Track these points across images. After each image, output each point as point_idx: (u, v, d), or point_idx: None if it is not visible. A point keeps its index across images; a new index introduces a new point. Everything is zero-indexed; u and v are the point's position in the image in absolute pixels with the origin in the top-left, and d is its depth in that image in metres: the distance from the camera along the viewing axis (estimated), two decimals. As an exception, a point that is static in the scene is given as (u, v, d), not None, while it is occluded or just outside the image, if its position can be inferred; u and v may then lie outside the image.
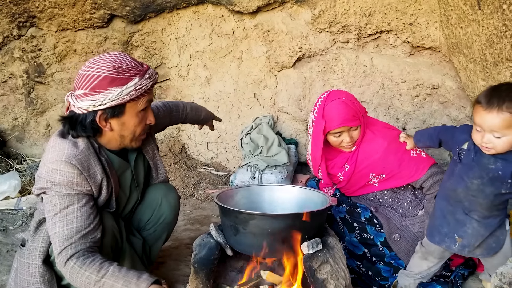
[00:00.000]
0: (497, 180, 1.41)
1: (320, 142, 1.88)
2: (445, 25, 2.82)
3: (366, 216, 1.91)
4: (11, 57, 3.73)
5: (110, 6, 3.42)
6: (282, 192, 1.75)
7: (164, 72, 3.87)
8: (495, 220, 1.48)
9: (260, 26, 3.44)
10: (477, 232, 1.49)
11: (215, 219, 2.76)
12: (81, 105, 1.37)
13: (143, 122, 1.49)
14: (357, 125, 1.85)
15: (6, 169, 3.50)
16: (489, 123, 1.34)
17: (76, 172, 1.36)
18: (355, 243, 1.90)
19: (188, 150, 3.91)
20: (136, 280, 1.33)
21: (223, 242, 1.51)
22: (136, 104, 1.41)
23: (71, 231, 1.35)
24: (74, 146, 1.39)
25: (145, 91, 1.40)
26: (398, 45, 3.20)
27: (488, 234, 1.48)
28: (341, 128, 1.83)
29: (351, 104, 1.84)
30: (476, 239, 1.50)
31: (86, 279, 1.32)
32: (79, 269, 1.33)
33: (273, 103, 3.64)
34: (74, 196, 1.37)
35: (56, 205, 1.37)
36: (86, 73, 1.36)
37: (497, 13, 2.17)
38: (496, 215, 1.49)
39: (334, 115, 1.81)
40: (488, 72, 2.43)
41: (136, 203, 1.69)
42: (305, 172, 3.65)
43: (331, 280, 1.35)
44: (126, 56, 1.41)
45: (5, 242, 2.34)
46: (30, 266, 1.44)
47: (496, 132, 1.33)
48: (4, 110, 3.90)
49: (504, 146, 1.35)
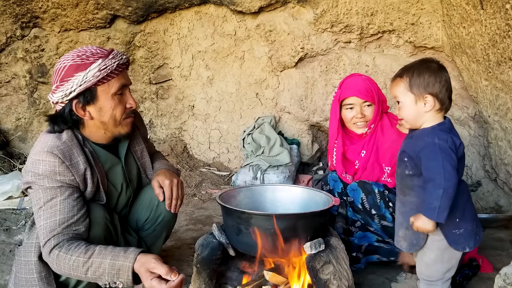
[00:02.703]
0: (400, 159, 1.44)
1: (336, 111, 1.97)
2: (447, 25, 2.81)
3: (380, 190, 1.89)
4: (14, 57, 3.75)
5: (113, 6, 3.43)
6: (284, 192, 1.75)
7: (166, 72, 3.88)
8: (412, 212, 1.39)
9: (262, 26, 3.44)
10: (397, 219, 1.49)
11: (217, 219, 2.76)
12: (56, 98, 1.42)
13: (122, 105, 1.48)
14: (370, 101, 1.90)
15: (9, 169, 3.51)
16: (392, 91, 1.46)
17: (58, 161, 1.38)
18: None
19: (190, 150, 3.92)
20: (124, 253, 1.33)
21: (225, 242, 1.51)
22: (108, 87, 1.43)
23: (54, 223, 1.36)
24: (57, 138, 1.44)
25: (111, 71, 1.41)
26: (401, 45, 3.19)
27: (405, 224, 1.43)
28: (353, 100, 1.90)
29: (368, 82, 1.93)
30: (398, 228, 1.48)
31: (74, 262, 1.32)
32: (64, 255, 1.33)
33: (275, 103, 3.64)
34: (57, 189, 1.39)
35: (40, 199, 1.39)
36: (56, 68, 1.45)
37: (500, 12, 2.17)
38: (411, 204, 1.41)
39: (349, 85, 1.93)
40: (491, 72, 2.42)
41: (129, 200, 1.69)
42: (307, 172, 3.64)
43: (333, 281, 1.35)
44: (92, 47, 1.48)
45: (8, 241, 2.35)
46: (26, 263, 1.44)
47: (395, 98, 1.44)
48: (7, 110, 3.91)
49: (406, 113, 1.40)
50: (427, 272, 1.46)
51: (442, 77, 1.38)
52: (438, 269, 1.43)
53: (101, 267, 1.31)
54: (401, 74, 1.42)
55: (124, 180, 1.63)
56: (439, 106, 1.38)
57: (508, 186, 2.63)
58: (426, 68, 1.39)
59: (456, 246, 1.39)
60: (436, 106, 1.38)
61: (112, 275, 1.31)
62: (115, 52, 1.46)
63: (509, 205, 2.67)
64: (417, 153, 1.37)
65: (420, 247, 1.43)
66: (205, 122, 3.85)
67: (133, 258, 1.31)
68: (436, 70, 1.38)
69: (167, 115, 3.98)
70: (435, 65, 1.40)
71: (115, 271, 1.31)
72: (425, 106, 1.38)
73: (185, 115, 3.92)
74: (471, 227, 1.41)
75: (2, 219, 2.66)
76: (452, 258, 1.42)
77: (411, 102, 1.39)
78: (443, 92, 1.37)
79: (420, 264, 1.48)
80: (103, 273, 1.31)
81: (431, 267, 1.44)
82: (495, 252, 2.13)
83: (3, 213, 2.76)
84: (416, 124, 1.42)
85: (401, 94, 1.41)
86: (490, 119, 2.62)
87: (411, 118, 1.41)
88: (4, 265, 2.06)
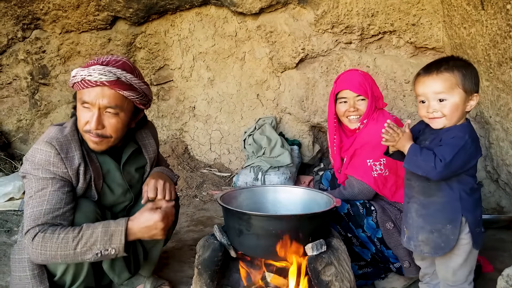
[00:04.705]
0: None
1: (332, 106, 1.97)
2: (448, 26, 2.81)
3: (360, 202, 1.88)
4: (15, 59, 3.76)
5: (114, 8, 3.43)
6: (285, 193, 1.74)
7: (167, 74, 3.88)
8: (439, 213, 1.39)
9: (263, 27, 3.45)
10: (416, 223, 1.44)
11: (219, 220, 2.76)
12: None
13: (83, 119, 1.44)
14: (363, 95, 1.89)
15: (10, 170, 3.52)
16: (432, 86, 1.36)
17: (54, 152, 1.40)
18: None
19: (191, 151, 3.92)
20: (114, 222, 1.37)
21: (226, 244, 1.51)
22: (80, 94, 1.44)
23: (40, 212, 1.36)
24: (60, 131, 1.47)
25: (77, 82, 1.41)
26: (401, 45, 3.19)
27: (429, 227, 1.41)
28: (347, 93, 1.90)
29: (363, 76, 1.92)
30: (417, 232, 1.44)
31: (62, 240, 1.31)
32: (51, 235, 1.31)
33: (276, 104, 3.64)
34: (49, 180, 1.40)
35: (32, 188, 1.40)
36: None
37: (500, 13, 2.16)
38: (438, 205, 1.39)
39: (344, 79, 1.93)
40: (492, 72, 2.42)
41: (129, 204, 1.68)
42: (308, 173, 3.64)
43: (335, 282, 1.35)
44: (111, 56, 1.49)
45: (9, 243, 2.35)
46: (20, 261, 1.44)
47: (440, 94, 1.35)
48: (8, 111, 3.92)
49: (452, 109, 1.35)
50: (454, 278, 1.45)
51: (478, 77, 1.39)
52: (463, 273, 1.44)
53: (93, 236, 1.33)
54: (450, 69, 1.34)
55: (123, 184, 1.62)
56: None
57: (509, 187, 2.62)
58: (470, 65, 1.38)
59: (477, 245, 1.41)
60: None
61: (105, 242, 1.33)
62: (96, 67, 1.40)
63: (511, 206, 2.66)
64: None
65: (450, 249, 1.40)
66: (206, 123, 3.85)
67: (124, 223, 1.36)
68: (474, 69, 1.39)
69: (168, 116, 3.98)
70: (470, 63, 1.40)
71: (108, 236, 1.34)
72: (470, 104, 1.36)
73: (186, 116, 3.92)
74: (481, 226, 1.44)
75: (4, 220, 2.67)
76: (474, 260, 1.45)
77: (460, 99, 1.35)
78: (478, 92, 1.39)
79: (446, 269, 1.46)
80: (95, 242, 1.32)
81: (458, 272, 1.44)
82: (497, 253, 2.13)
83: (5, 215, 2.76)
84: (452, 122, 1.38)
85: (449, 90, 1.34)
86: (492, 120, 2.61)
87: (455, 116, 1.36)
88: (5, 266, 2.06)
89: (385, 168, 1.81)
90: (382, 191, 1.82)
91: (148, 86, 1.55)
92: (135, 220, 1.40)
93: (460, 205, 1.37)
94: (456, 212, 1.37)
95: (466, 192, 1.38)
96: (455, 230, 1.38)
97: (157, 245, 1.75)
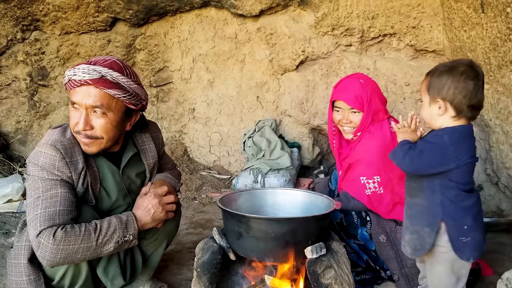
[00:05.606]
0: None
1: (331, 110, 1.92)
2: (448, 28, 2.81)
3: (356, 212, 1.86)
4: (14, 60, 3.75)
5: (113, 9, 3.43)
6: (285, 195, 1.74)
7: (167, 75, 3.88)
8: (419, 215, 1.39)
9: (263, 29, 3.45)
10: (404, 223, 1.47)
11: (218, 223, 2.75)
12: None
13: (73, 119, 1.43)
14: (357, 109, 1.79)
15: (9, 172, 3.51)
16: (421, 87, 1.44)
17: (59, 155, 1.39)
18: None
19: (191, 153, 3.91)
20: (121, 214, 1.47)
21: (226, 246, 1.50)
22: (70, 95, 1.42)
23: (54, 213, 1.33)
24: (62, 134, 1.45)
25: (66, 82, 1.41)
26: (402, 48, 3.19)
27: (411, 228, 1.41)
28: (341, 104, 1.83)
29: (362, 88, 1.79)
30: (404, 232, 1.46)
31: (85, 231, 1.33)
32: (71, 230, 1.31)
33: (276, 106, 3.64)
34: (57, 181, 1.38)
35: (38, 188, 1.37)
36: None
37: (501, 16, 2.17)
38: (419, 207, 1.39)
39: (341, 89, 1.85)
40: (492, 75, 2.42)
41: (127, 209, 1.64)
42: (308, 175, 3.63)
43: (335, 285, 1.34)
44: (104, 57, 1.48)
45: (7, 245, 2.34)
46: (16, 266, 1.42)
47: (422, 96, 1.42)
48: (7, 113, 3.91)
49: (423, 111, 1.40)
50: (440, 285, 1.44)
51: (462, 83, 1.29)
52: (449, 281, 1.41)
53: (112, 226, 1.39)
54: (428, 72, 1.40)
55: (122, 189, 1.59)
56: (454, 113, 1.32)
57: (509, 190, 2.62)
58: (449, 71, 1.32)
59: (461, 254, 1.34)
60: (449, 112, 1.33)
61: (123, 229, 1.41)
62: (81, 66, 1.39)
63: (511, 209, 2.66)
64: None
65: (426, 252, 1.39)
66: (206, 125, 3.84)
67: (131, 212, 1.49)
68: (457, 75, 1.30)
69: (167, 118, 3.97)
70: (462, 70, 1.30)
71: (124, 224, 1.42)
72: (439, 109, 1.34)
73: (186, 118, 3.91)
74: (478, 237, 1.36)
75: (2, 222, 2.65)
76: (461, 268, 1.39)
77: (427, 102, 1.38)
78: (459, 99, 1.30)
79: (431, 276, 1.45)
80: (114, 230, 1.39)
81: (442, 279, 1.42)
82: (497, 256, 2.12)
83: (3, 216, 2.75)
84: (431, 125, 1.39)
85: (422, 93, 1.41)
86: (491, 123, 2.61)
87: (426, 119, 1.40)
88: (3, 268, 2.05)
89: (379, 186, 1.76)
90: (377, 209, 1.78)
91: (141, 86, 1.51)
92: (135, 208, 1.52)
93: (440, 210, 1.34)
94: (435, 216, 1.35)
95: (449, 198, 1.34)
96: (431, 234, 1.36)
97: (158, 251, 1.73)
